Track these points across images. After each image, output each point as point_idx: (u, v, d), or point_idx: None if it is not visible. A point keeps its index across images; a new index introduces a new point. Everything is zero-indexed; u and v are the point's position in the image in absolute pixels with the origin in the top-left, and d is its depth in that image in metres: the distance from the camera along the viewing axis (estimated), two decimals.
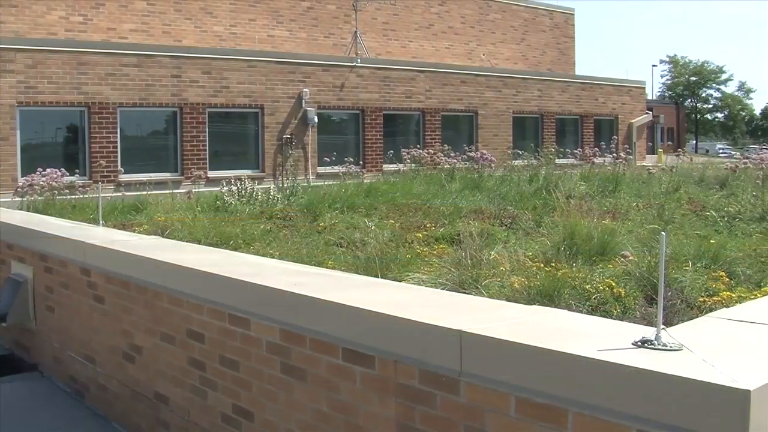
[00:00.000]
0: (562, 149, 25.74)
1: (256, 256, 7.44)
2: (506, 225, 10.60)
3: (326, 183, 16.67)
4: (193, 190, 16.17)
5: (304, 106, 26.54)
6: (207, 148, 24.79)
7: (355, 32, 33.30)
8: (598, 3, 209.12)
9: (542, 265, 7.07)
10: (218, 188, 15.92)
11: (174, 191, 15.84)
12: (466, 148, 24.09)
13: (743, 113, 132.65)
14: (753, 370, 2.96)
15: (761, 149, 21.19)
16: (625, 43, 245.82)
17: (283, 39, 32.84)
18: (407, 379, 3.94)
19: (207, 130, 24.81)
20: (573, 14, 46.05)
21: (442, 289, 6.39)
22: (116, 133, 23.03)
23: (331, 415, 4.45)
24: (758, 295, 6.00)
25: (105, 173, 21.69)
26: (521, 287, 6.30)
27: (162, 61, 24.05)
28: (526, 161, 21.02)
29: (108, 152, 22.70)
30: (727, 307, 5.10)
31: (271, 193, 15.34)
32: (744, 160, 19.35)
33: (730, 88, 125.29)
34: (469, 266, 7.01)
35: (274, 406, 4.90)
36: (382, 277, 6.81)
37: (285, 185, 17.48)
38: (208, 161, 24.67)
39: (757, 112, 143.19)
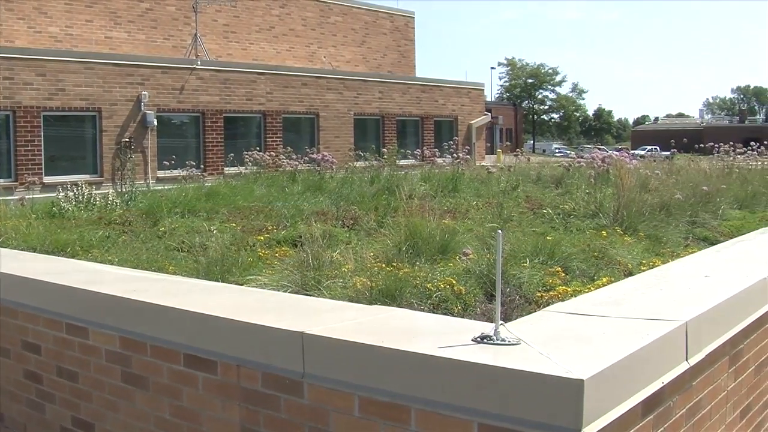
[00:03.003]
0: (403, 150, 26.01)
1: (93, 263, 7.27)
2: (348, 226, 10.62)
3: (167, 187, 16.38)
4: (27, 197, 15.64)
5: (143, 109, 26.11)
6: (42, 152, 24.10)
7: (195, 34, 32.91)
8: (438, 6, 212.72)
9: (384, 265, 7.11)
10: (54, 194, 15.48)
11: (7, 198, 15.33)
12: (308, 150, 24.08)
13: (577, 114, 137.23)
14: (586, 360, 3.06)
15: (594, 148, 21.88)
16: (464, 46, 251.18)
17: (121, 41, 32.20)
18: (250, 383, 3.92)
19: (42, 134, 24.13)
20: (413, 17, 46.60)
21: (285, 291, 6.37)
22: None
23: (175, 422, 4.38)
24: (592, 288, 6.17)
25: None
26: (363, 287, 6.32)
27: None
28: (367, 162, 21.14)
29: None
30: (563, 301, 5.24)
31: (110, 199, 15.00)
32: (578, 159, 19.92)
33: (565, 90, 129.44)
34: (312, 268, 7.01)
35: (115, 416, 4.79)
36: (223, 281, 6.74)
37: (124, 190, 17.12)
38: (43, 166, 23.99)
39: (590, 112, 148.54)
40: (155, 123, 26.31)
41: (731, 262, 6.03)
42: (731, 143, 21.17)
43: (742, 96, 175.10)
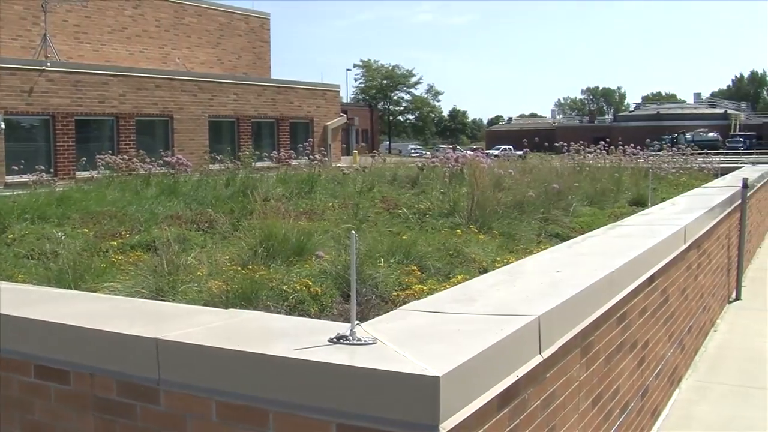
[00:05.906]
0: (258, 152, 25.86)
1: None
2: (203, 229, 10.51)
3: (15, 192, 15.88)
4: None
5: None
6: None
7: (45, 34, 32.01)
8: (293, 8, 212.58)
9: (240, 268, 7.07)
10: None
11: None
12: (162, 153, 23.70)
13: (433, 115, 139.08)
14: (442, 357, 3.10)
15: (449, 149, 22.19)
16: (320, 48, 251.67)
17: None
18: (105, 392, 3.84)
19: None
20: (268, 19, 46.43)
21: (139, 297, 6.26)
22: None
23: None
24: (447, 286, 6.26)
25: None
26: (219, 291, 6.27)
27: None
28: (223, 165, 20.93)
29: None
30: (419, 299, 5.29)
31: None
32: (432, 159, 20.16)
33: (420, 91, 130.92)
34: (166, 273, 6.91)
35: None
36: (75, 289, 6.58)
37: None
38: None
39: (446, 113, 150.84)
40: (3, 126, 25.53)
41: (582, 257, 6.20)
42: (582, 142, 21.75)
43: (591, 97, 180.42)
